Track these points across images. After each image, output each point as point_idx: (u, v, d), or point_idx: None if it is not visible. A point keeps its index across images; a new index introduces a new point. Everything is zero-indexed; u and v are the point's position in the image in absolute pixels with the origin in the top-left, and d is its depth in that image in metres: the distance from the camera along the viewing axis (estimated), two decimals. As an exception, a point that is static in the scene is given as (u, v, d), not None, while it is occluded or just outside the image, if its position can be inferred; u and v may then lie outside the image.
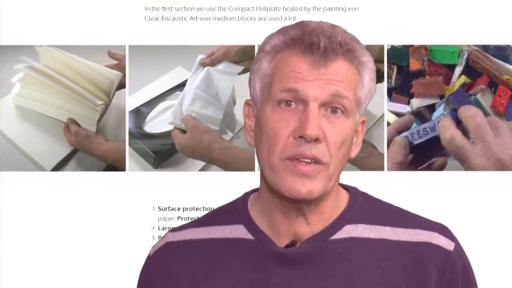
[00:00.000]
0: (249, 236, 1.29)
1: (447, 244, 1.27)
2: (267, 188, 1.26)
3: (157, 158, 2.28)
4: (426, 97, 2.26)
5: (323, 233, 1.26)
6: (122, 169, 2.25)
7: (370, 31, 2.23)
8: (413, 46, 2.26)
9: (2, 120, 2.31)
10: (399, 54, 2.27)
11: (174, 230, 1.37)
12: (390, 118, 2.25)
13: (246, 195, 1.35)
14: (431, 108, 2.26)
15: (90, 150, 2.29)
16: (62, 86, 2.29)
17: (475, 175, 2.13)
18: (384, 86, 2.26)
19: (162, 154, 2.30)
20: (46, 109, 2.34)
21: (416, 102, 2.26)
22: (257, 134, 1.26)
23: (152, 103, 2.45)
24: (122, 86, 2.35)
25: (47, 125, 2.35)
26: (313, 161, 1.19)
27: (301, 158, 1.19)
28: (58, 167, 2.29)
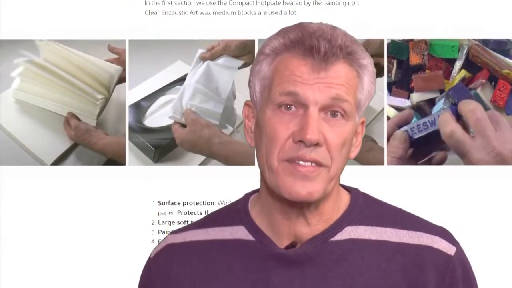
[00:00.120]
0: (249, 237, 1.29)
1: (448, 248, 1.27)
2: (267, 189, 1.26)
3: (157, 152, 2.28)
4: (426, 91, 2.26)
5: (324, 234, 1.26)
6: (122, 163, 2.25)
7: (370, 25, 2.22)
8: (413, 40, 2.25)
9: (2, 114, 2.31)
10: (399, 48, 2.26)
11: (175, 232, 1.37)
12: (390, 112, 2.25)
13: (247, 196, 1.35)
14: (431, 102, 2.26)
15: (90, 144, 2.29)
16: (62, 80, 2.29)
17: (475, 169, 2.13)
18: (384, 80, 2.26)
19: (162, 148, 2.30)
20: (46, 103, 2.34)
21: (416, 96, 2.26)
22: (256, 135, 1.26)
23: (152, 97, 2.45)
24: (122, 80, 2.35)
25: (47, 119, 2.35)
26: (313, 163, 1.19)
27: (301, 161, 1.19)
28: (58, 161, 2.29)
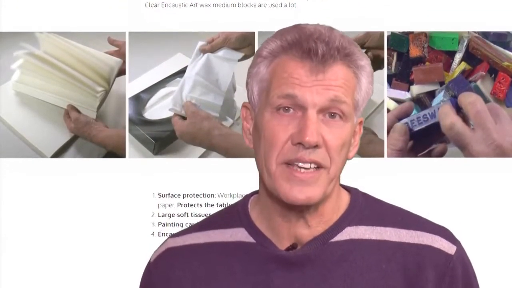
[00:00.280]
0: (250, 239, 1.29)
1: (449, 247, 1.27)
2: (266, 191, 1.26)
3: (157, 145, 2.28)
4: (426, 83, 2.26)
5: (324, 235, 1.26)
6: (122, 155, 2.25)
7: (370, 18, 2.22)
8: (413, 33, 2.25)
9: (2, 106, 2.31)
10: (399, 41, 2.26)
11: (175, 235, 1.37)
12: (390, 104, 2.25)
13: (246, 198, 1.34)
14: (431, 94, 2.26)
15: (90, 136, 2.29)
16: (62, 72, 2.29)
17: (475, 162, 2.13)
18: (384, 72, 2.26)
19: (162, 140, 2.30)
20: (46, 95, 2.34)
21: (416, 89, 2.26)
22: (255, 138, 1.26)
23: (152, 90, 2.45)
24: (122, 72, 2.35)
25: (47, 111, 2.35)
26: (312, 166, 1.19)
27: (300, 163, 1.19)
28: (58, 154, 2.29)
